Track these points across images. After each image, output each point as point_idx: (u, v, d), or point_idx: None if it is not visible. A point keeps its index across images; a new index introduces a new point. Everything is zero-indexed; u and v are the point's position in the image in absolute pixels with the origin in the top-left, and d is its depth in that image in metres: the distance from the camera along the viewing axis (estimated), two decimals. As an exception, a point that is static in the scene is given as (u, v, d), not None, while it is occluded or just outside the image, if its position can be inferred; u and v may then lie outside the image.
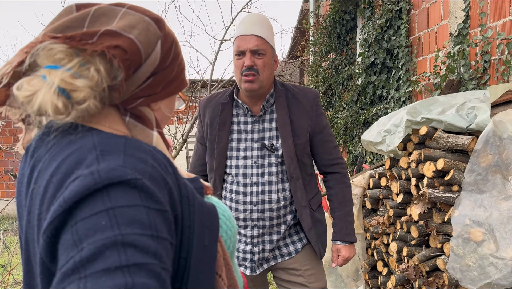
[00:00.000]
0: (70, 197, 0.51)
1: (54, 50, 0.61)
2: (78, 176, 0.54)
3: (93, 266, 0.46)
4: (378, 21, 4.23)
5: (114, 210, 0.50)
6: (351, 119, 5.00)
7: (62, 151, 0.60)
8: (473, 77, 2.83)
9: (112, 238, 0.48)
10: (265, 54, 1.64)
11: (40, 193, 0.57)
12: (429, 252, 2.19)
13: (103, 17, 0.66)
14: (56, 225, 0.51)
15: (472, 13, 2.92)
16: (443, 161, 2.06)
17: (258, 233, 1.73)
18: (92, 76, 0.61)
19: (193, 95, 4.66)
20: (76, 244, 0.49)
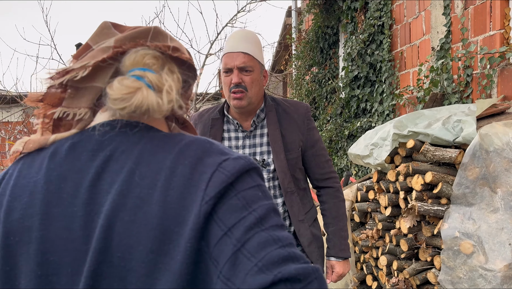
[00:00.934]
0: (234, 172, 0.64)
1: (148, 56, 0.69)
2: (225, 159, 0.65)
3: (268, 222, 0.61)
4: (361, 35, 4.29)
5: (260, 186, 0.66)
6: (335, 132, 5.03)
7: (169, 142, 0.68)
8: (456, 90, 2.89)
9: (270, 205, 0.64)
10: (253, 71, 1.63)
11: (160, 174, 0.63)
12: (419, 266, 2.18)
13: (160, 35, 0.74)
14: (222, 193, 0.62)
15: (454, 28, 2.99)
16: (431, 174, 2.07)
17: None
18: (179, 80, 0.72)
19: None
20: (245, 207, 0.62)
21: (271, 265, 0.56)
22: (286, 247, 0.59)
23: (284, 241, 0.59)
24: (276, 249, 0.58)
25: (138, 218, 0.61)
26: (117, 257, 0.61)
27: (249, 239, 0.58)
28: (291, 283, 0.54)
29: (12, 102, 5.74)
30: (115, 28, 0.75)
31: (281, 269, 0.55)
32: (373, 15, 4.18)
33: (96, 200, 0.63)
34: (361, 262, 2.79)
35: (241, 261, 0.57)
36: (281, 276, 0.54)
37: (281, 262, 0.56)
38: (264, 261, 0.56)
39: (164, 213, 0.61)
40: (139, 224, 0.61)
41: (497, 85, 2.56)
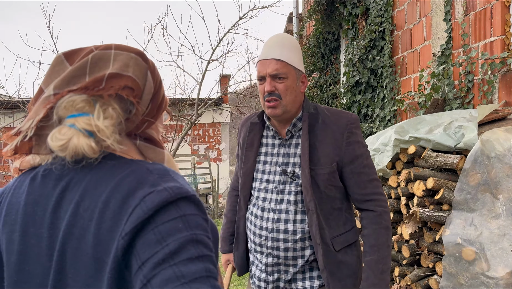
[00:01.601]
0: (152, 207, 0.67)
1: (76, 101, 0.73)
2: (150, 192, 0.68)
3: (179, 257, 0.64)
4: (362, 41, 4.30)
5: (186, 217, 0.68)
6: (337, 138, 5.03)
7: (111, 174, 0.73)
8: (458, 96, 2.89)
9: (189, 236, 0.65)
10: (287, 78, 1.56)
11: (96, 207, 0.69)
12: (421, 272, 2.17)
13: (100, 62, 0.78)
14: (138, 228, 0.66)
15: (455, 34, 2.99)
16: (432, 180, 2.07)
17: (272, 262, 1.62)
18: (112, 115, 0.75)
19: (179, 114, 4.63)
20: (160, 241, 0.64)
21: None
22: (188, 283, 0.62)
23: (187, 278, 0.62)
24: (177, 286, 0.62)
25: (81, 246, 0.69)
26: (69, 277, 0.70)
27: (155, 275, 0.63)
28: None
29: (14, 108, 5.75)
30: (68, 59, 0.80)
31: None
32: (374, 21, 4.19)
33: (56, 225, 0.72)
34: (363, 268, 2.78)
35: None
36: None
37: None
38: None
39: (97, 244, 0.68)
40: (82, 252, 0.69)
41: (498, 91, 2.56)
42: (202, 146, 12.26)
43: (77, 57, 0.80)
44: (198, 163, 11.27)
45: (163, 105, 0.87)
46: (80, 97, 0.74)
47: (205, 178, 10.65)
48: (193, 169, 10.09)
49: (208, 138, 12.25)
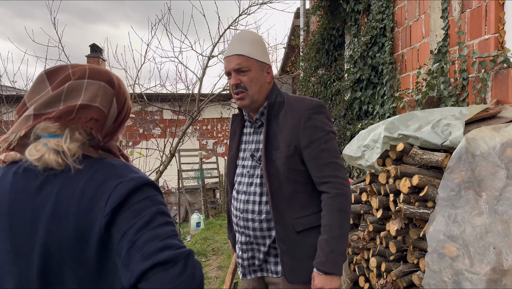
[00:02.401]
0: (124, 193, 0.89)
1: (50, 127, 0.94)
2: (120, 182, 0.91)
3: (153, 224, 0.88)
4: (363, 38, 4.30)
5: (150, 197, 0.92)
6: (338, 134, 5.04)
7: (84, 170, 0.93)
8: (453, 94, 2.88)
9: (156, 210, 0.90)
10: (250, 70, 1.68)
11: (75, 195, 0.90)
12: (406, 268, 2.20)
13: (73, 91, 0.97)
14: (116, 209, 0.88)
15: (451, 31, 2.99)
16: (418, 177, 2.09)
17: (245, 240, 1.75)
18: (78, 138, 0.96)
19: (181, 109, 4.69)
20: (136, 215, 0.88)
21: (151, 254, 0.85)
22: (164, 240, 0.87)
23: (163, 236, 0.88)
24: (156, 242, 0.86)
25: (62, 224, 0.89)
26: (54, 249, 0.90)
27: (138, 238, 0.87)
28: (163, 265, 0.85)
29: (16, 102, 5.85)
30: (49, 79, 1.00)
31: (157, 256, 0.85)
32: (375, 17, 4.19)
33: (37, 209, 0.92)
34: (354, 263, 2.81)
35: (133, 253, 0.86)
36: (157, 261, 0.84)
37: (158, 251, 0.85)
38: (146, 252, 0.85)
39: (77, 223, 0.89)
40: (65, 228, 0.89)
41: (491, 89, 2.56)
42: (210, 140, 12.35)
43: (56, 78, 0.99)
44: (206, 158, 11.36)
45: (125, 120, 1.08)
46: (53, 124, 0.94)
47: (212, 173, 10.73)
48: (200, 163, 10.18)
49: (216, 133, 12.33)
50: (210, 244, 6.74)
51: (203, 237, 7.32)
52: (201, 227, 8.24)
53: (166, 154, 4.50)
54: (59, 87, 0.97)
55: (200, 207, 9.93)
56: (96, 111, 0.97)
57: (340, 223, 1.59)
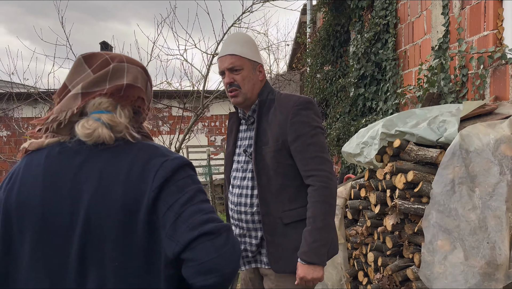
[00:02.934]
0: (170, 170, 0.97)
1: (103, 102, 1.00)
2: (165, 160, 0.98)
3: (195, 199, 0.96)
4: (366, 34, 4.31)
5: (191, 176, 1.00)
6: (343, 131, 5.06)
7: (128, 150, 1.00)
8: (453, 90, 2.89)
9: (197, 188, 0.98)
10: (242, 69, 1.76)
11: (121, 172, 0.96)
12: (402, 262, 2.23)
13: (117, 72, 1.04)
14: (163, 184, 0.95)
15: (452, 28, 2.99)
16: (412, 173, 2.12)
17: (239, 232, 1.82)
18: (127, 115, 1.03)
19: (186, 106, 4.75)
20: (180, 191, 0.96)
21: (196, 226, 0.92)
22: (207, 214, 0.95)
23: (206, 210, 0.95)
24: (200, 216, 0.94)
25: (107, 200, 0.95)
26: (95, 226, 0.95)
27: (183, 211, 0.94)
28: (208, 236, 0.91)
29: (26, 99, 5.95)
30: (86, 62, 1.05)
31: (203, 228, 0.92)
32: (378, 14, 4.19)
33: (78, 186, 0.97)
34: (353, 258, 2.85)
35: (179, 225, 0.93)
36: (203, 232, 0.91)
37: (203, 224, 0.92)
38: (192, 224, 0.92)
39: (124, 198, 0.95)
40: (109, 204, 0.95)
41: (490, 86, 2.57)
42: (218, 137, 12.42)
43: (93, 61, 1.06)
44: (214, 154, 11.43)
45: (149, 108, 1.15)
46: (107, 100, 1.01)
47: (219, 169, 10.80)
48: (208, 159, 10.26)
49: (224, 130, 12.38)
50: (217, 239, 6.80)
51: (210, 232, 7.39)
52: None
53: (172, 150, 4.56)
54: (100, 70, 1.03)
55: (208, 203, 10.00)
56: (140, 91, 1.06)
57: (324, 215, 1.64)
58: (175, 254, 0.92)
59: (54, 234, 0.96)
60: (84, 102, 1.00)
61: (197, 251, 0.90)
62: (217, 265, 0.90)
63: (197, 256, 0.90)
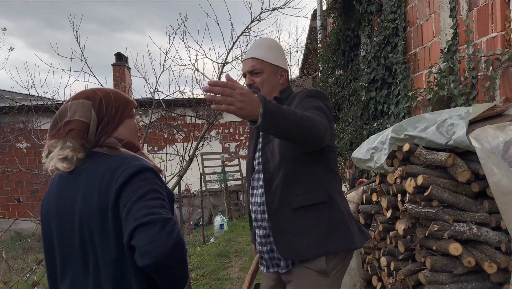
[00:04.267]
0: (127, 175, 1.21)
1: (52, 143, 1.32)
2: (126, 167, 1.23)
3: (144, 198, 1.18)
4: (375, 38, 4.32)
5: (148, 179, 1.22)
6: (355, 135, 5.06)
7: (102, 162, 1.28)
8: (463, 92, 2.89)
9: (149, 188, 1.20)
10: (262, 72, 1.85)
11: (97, 180, 1.24)
12: (414, 266, 2.23)
13: (63, 114, 1.33)
14: (121, 186, 1.20)
15: (460, 30, 2.99)
16: (422, 177, 2.12)
17: (263, 233, 1.81)
18: (69, 146, 1.30)
19: (199, 114, 4.82)
20: (134, 191, 1.19)
21: (138, 218, 1.14)
22: (150, 208, 1.16)
23: (150, 206, 1.16)
24: (143, 210, 1.15)
25: (90, 202, 1.24)
26: (85, 222, 1.25)
27: (132, 208, 1.17)
28: (144, 226, 1.13)
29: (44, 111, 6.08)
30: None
31: (141, 220, 1.14)
32: (387, 17, 4.20)
33: (73, 195, 1.29)
34: (366, 263, 2.85)
35: (128, 219, 1.17)
36: (140, 223, 1.13)
37: (142, 216, 1.14)
38: (135, 217, 1.15)
39: (99, 199, 1.23)
40: (90, 205, 1.24)
41: (500, 87, 2.56)
42: (233, 143, 12.50)
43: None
44: (228, 161, 11.50)
45: (118, 119, 1.37)
46: (52, 141, 1.31)
47: (234, 175, 10.85)
48: (223, 166, 10.33)
49: (238, 136, 12.47)
50: (233, 246, 6.85)
51: (226, 238, 7.44)
52: (225, 229, 8.37)
53: (185, 158, 4.64)
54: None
55: (223, 209, 10.06)
56: (75, 123, 1.30)
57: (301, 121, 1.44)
58: (126, 242, 1.17)
59: (65, 233, 1.29)
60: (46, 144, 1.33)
61: (136, 239, 1.13)
62: (149, 250, 1.11)
63: (136, 242, 1.13)
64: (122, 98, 1.40)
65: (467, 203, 2.09)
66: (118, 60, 14.13)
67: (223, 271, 5.44)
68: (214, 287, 4.72)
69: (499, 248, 1.99)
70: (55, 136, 1.30)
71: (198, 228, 8.84)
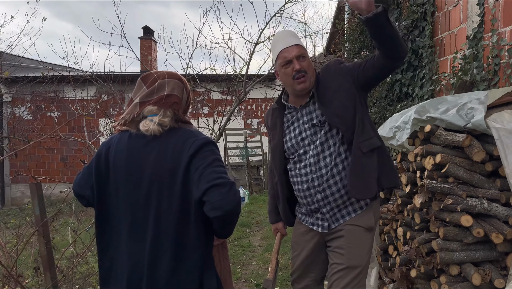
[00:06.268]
0: (198, 145, 1.51)
1: (152, 109, 1.57)
2: (196, 139, 1.53)
3: (213, 165, 1.49)
4: (404, 22, 4.44)
5: (213, 150, 1.54)
6: (379, 115, 5.23)
7: (174, 133, 1.56)
8: (485, 78, 3.04)
9: (215, 158, 1.52)
10: (306, 57, 2.02)
11: (170, 146, 1.52)
12: (428, 236, 2.47)
13: (161, 87, 1.60)
14: (194, 154, 1.49)
15: (486, 18, 3.12)
16: (440, 156, 2.33)
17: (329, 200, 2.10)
18: (168, 115, 1.58)
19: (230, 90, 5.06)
20: (203, 158, 1.49)
21: (211, 180, 1.43)
22: (219, 173, 1.46)
23: (218, 172, 1.46)
24: (214, 174, 1.45)
25: (163, 164, 1.53)
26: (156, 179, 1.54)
27: (204, 171, 1.46)
28: (217, 186, 1.42)
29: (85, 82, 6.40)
30: (143, 82, 1.62)
31: (214, 181, 1.43)
32: (416, 2, 4.30)
33: (145, 156, 1.56)
34: (384, 233, 3.09)
35: (201, 180, 1.45)
36: (213, 184, 1.42)
37: (215, 179, 1.43)
38: (208, 179, 1.44)
39: (172, 163, 1.51)
40: (163, 167, 1.53)
41: (521, 75, 2.71)
42: (255, 120, 12.73)
43: (147, 80, 1.61)
44: (250, 137, 11.78)
45: (190, 102, 1.72)
46: (154, 107, 1.57)
47: (256, 151, 11.13)
48: (245, 142, 10.61)
49: (260, 113, 12.68)
50: (254, 217, 7.19)
51: (248, 210, 7.79)
52: (246, 202, 8.71)
53: (215, 131, 4.91)
54: (152, 86, 1.61)
55: (244, 183, 10.40)
56: (175, 97, 1.61)
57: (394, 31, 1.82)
58: (198, 197, 1.43)
59: (131, 186, 1.55)
60: (141, 109, 1.57)
61: (210, 195, 1.41)
62: (221, 204, 1.40)
63: (209, 198, 1.41)
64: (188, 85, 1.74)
65: (480, 181, 2.30)
66: (145, 33, 14.37)
67: (245, 239, 5.78)
68: (238, 252, 5.06)
69: (507, 222, 2.20)
70: (157, 104, 1.56)
71: (220, 199, 9.20)
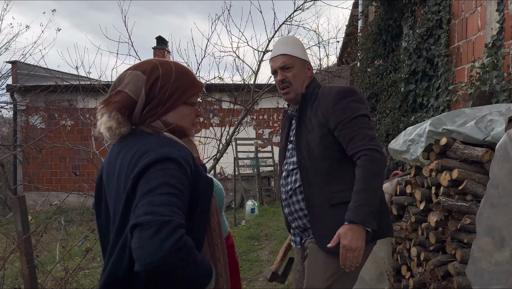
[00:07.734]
0: (146, 162, 1.10)
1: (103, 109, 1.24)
2: (149, 154, 1.11)
3: (154, 192, 1.05)
4: (418, 30, 4.27)
5: (165, 170, 1.09)
6: (392, 126, 5.04)
7: (136, 143, 1.19)
8: (505, 88, 2.86)
9: (162, 180, 1.07)
10: (293, 67, 1.93)
11: (126, 163, 1.17)
12: (444, 258, 2.28)
13: (121, 80, 1.24)
14: (139, 174, 1.09)
15: (506, 25, 2.94)
16: (457, 171, 2.16)
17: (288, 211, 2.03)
18: (116, 118, 1.22)
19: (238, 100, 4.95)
20: (146, 182, 1.07)
21: (137, 216, 1.02)
22: (154, 206, 1.02)
23: (155, 203, 1.03)
24: (146, 207, 1.02)
25: (123, 177, 1.17)
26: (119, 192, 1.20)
27: (140, 201, 1.05)
28: (138, 227, 1.00)
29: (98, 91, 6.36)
30: None
31: (138, 219, 1.01)
32: (431, 9, 4.14)
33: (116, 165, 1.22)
34: (396, 252, 2.91)
35: (134, 212, 1.05)
36: (135, 222, 1.00)
37: (142, 214, 1.01)
38: (137, 214, 1.03)
39: (125, 180, 1.15)
40: (120, 185, 1.18)
41: (544, 85, 2.52)
42: (266, 130, 12.60)
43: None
44: (261, 147, 11.64)
45: (170, 104, 1.24)
46: (103, 108, 1.24)
47: (266, 161, 10.98)
48: (256, 152, 10.48)
49: (272, 123, 12.55)
50: (263, 230, 7.01)
51: (257, 222, 7.62)
52: (255, 213, 8.55)
53: (222, 142, 4.79)
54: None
55: (255, 194, 10.24)
56: (124, 96, 1.21)
57: (367, 178, 1.69)
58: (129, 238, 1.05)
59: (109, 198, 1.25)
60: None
61: (132, 240, 1.00)
62: (138, 255, 0.98)
63: (131, 243, 1.01)
64: (185, 81, 1.26)
65: (502, 199, 2.11)
66: (159, 43, 14.43)
67: (253, 253, 5.61)
68: (244, 267, 4.89)
69: (531, 245, 2.00)
70: (104, 103, 1.22)
71: (229, 210, 9.06)
